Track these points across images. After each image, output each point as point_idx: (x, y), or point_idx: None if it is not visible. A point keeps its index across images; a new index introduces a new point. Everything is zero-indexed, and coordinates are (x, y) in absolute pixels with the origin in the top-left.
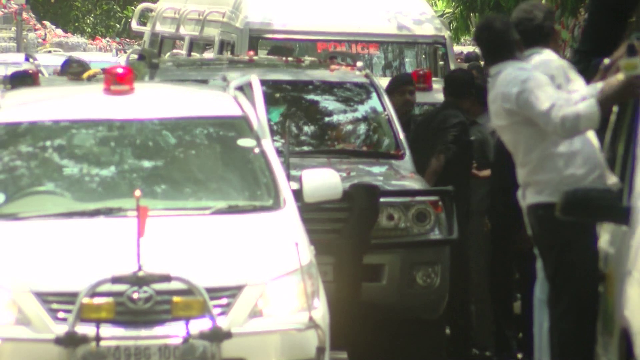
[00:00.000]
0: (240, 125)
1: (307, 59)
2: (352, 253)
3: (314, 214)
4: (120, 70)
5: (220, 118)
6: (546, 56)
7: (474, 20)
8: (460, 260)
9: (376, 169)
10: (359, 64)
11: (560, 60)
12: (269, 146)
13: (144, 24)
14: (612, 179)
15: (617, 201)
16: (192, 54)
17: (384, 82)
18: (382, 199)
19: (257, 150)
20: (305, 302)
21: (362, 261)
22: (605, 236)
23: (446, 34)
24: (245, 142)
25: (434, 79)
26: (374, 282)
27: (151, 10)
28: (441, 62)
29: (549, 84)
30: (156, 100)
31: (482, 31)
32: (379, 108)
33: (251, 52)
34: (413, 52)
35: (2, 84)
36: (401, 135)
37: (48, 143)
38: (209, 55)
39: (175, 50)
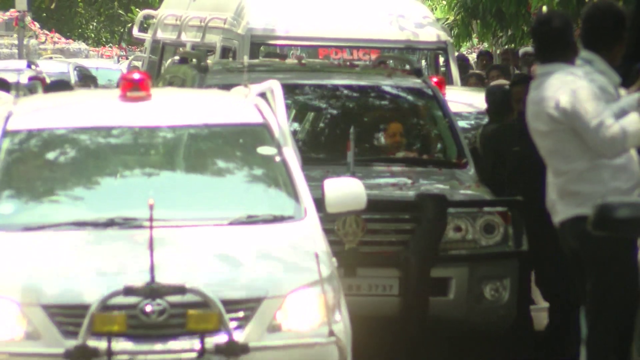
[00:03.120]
0: (261, 133)
1: (361, 63)
2: (420, 266)
3: (379, 225)
4: (137, 76)
5: (241, 125)
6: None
7: (475, 27)
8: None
9: (440, 178)
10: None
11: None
12: (290, 154)
13: (145, 31)
14: None
15: None
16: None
17: None
18: (448, 210)
19: (277, 158)
20: (326, 315)
21: (429, 275)
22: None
23: (448, 39)
24: (265, 150)
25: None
26: (440, 296)
27: (152, 17)
28: (443, 68)
29: (598, 97)
30: (174, 107)
31: (540, 25)
32: (440, 114)
33: (302, 56)
34: (414, 58)
35: (14, 90)
36: (464, 143)
37: (61, 151)
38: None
39: (176, 57)
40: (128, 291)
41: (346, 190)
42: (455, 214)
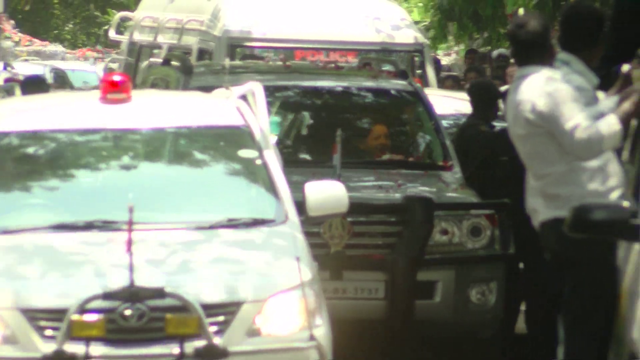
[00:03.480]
0: (242, 135)
1: (346, 65)
2: (406, 269)
3: (365, 228)
4: (117, 78)
5: (222, 128)
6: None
7: (451, 29)
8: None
9: (426, 181)
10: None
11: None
12: (272, 157)
13: (122, 33)
14: (631, 199)
15: (630, 217)
16: (172, 63)
17: None
18: (435, 212)
19: (259, 161)
20: (307, 319)
21: (415, 278)
22: (619, 254)
23: (424, 42)
24: (246, 152)
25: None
26: (427, 299)
27: (129, 19)
28: (419, 71)
29: (576, 99)
30: (154, 109)
31: (518, 28)
32: (426, 117)
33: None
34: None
35: None
36: (449, 145)
37: (41, 153)
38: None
39: (153, 59)
40: (107, 295)
41: (328, 193)
42: (442, 217)
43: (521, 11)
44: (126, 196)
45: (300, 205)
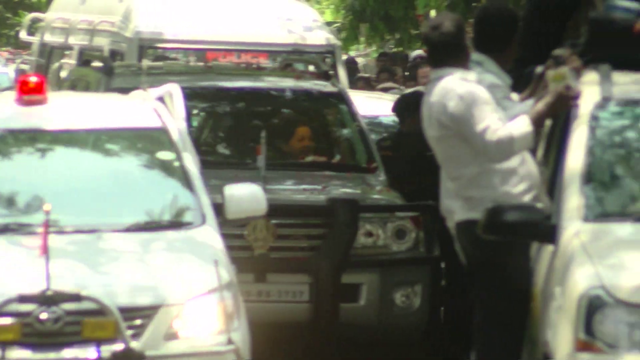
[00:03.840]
0: (159, 137)
1: (269, 66)
2: (331, 272)
3: (289, 230)
4: (33, 79)
5: (139, 130)
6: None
7: (363, 30)
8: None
9: (350, 183)
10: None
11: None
12: (190, 159)
13: (34, 34)
14: (546, 200)
15: (543, 219)
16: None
17: None
18: (360, 215)
19: (177, 163)
20: (225, 323)
21: (340, 281)
22: (533, 255)
23: (336, 43)
24: (164, 154)
25: None
26: (351, 302)
27: (41, 20)
28: (331, 72)
29: (488, 101)
30: (71, 111)
31: (432, 29)
32: (350, 119)
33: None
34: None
35: None
36: (373, 148)
37: None
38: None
39: (64, 60)
40: (22, 298)
41: (246, 196)
42: (367, 219)
43: (433, 13)
44: (42, 198)
45: (220, 208)
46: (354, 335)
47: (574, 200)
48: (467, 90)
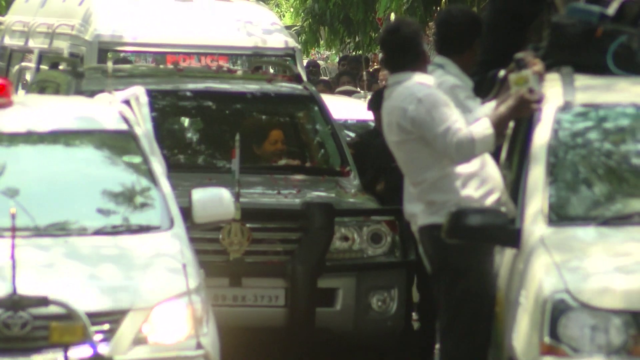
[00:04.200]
0: (125, 140)
1: (240, 69)
2: (307, 277)
3: (264, 234)
4: None
5: (105, 132)
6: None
7: (323, 34)
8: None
9: (324, 187)
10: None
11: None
12: (156, 162)
13: None
14: (510, 204)
15: (507, 222)
16: (41, 67)
17: None
18: (335, 219)
19: (143, 167)
20: (194, 327)
21: (316, 285)
22: (496, 259)
23: (296, 46)
24: (130, 158)
25: None
26: (327, 307)
27: (0, 24)
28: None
29: (447, 103)
30: (36, 113)
31: (388, 33)
32: (322, 122)
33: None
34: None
35: None
36: (347, 151)
37: None
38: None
39: (24, 63)
40: None
41: (214, 200)
42: (342, 223)
43: (392, 16)
44: (7, 202)
45: (187, 212)
46: (330, 340)
47: (537, 203)
48: (425, 93)
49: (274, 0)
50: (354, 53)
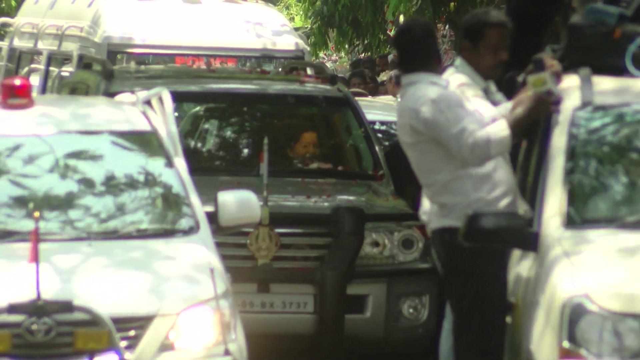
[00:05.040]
0: (149, 141)
1: (273, 70)
2: (336, 283)
3: (293, 239)
4: (17, 82)
5: (127, 133)
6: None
7: (331, 36)
8: None
9: (356, 191)
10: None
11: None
12: (182, 164)
13: (2, 39)
14: (524, 207)
15: (524, 226)
16: (50, 69)
17: None
18: (365, 224)
19: (168, 168)
20: (221, 333)
21: (345, 292)
22: (514, 263)
23: (305, 48)
24: (155, 159)
25: None
26: (357, 314)
27: (10, 25)
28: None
29: (462, 104)
30: (58, 114)
31: (401, 34)
32: (356, 124)
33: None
34: (271, 65)
35: None
36: (380, 154)
37: None
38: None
39: (33, 65)
40: (12, 308)
41: (240, 203)
42: (373, 228)
43: (402, 18)
44: (29, 205)
45: (213, 215)
46: (360, 347)
47: (555, 206)
48: (439, 94)
49: (283, 2)
50: (362, 55)
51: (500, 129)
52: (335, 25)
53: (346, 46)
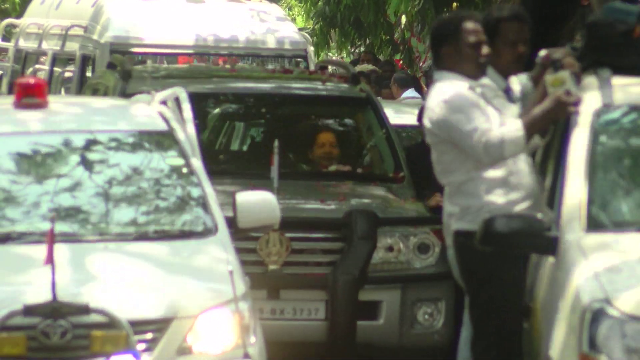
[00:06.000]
0: (166, 141)
1: (296, 69)
2: (348, 289)
3: (304, 244)
4: (32, 82)
5: (143, 133)
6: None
7: (334, 36)
8: None
9: (374, 193)
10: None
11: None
12: (199, 165)
13: (9, 40)
14: (546, 210)
15: (543, 229)
16: (55, 69)
17: None
18: (379, 228)
19: (185, 169)
20: (241, 336)
21: (358, 298)
22: (531, 267)
23: (308, 47)
24: (172, 160)
25: None
26: (370, 320)
27: (15, 26)
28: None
29: (476, 104)
30: (72, 114)
31: (432, 29)
32: (377, 126)
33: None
34: (274, 65)
35: None
36: (401, 156)
37: None
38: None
39: (37, 66)
40: (28, 311)
41: (259, 204)
42: (387, 233)
43: (404, 18)
44: (45, 206)
45: (230, 217)
46: (373, 355)
47: (574, 209)
48: (451, 95)
49: (286, 3)
50: (361, 55)
51: (515, 129)
52: (337, 26)
53: (348, 46)
